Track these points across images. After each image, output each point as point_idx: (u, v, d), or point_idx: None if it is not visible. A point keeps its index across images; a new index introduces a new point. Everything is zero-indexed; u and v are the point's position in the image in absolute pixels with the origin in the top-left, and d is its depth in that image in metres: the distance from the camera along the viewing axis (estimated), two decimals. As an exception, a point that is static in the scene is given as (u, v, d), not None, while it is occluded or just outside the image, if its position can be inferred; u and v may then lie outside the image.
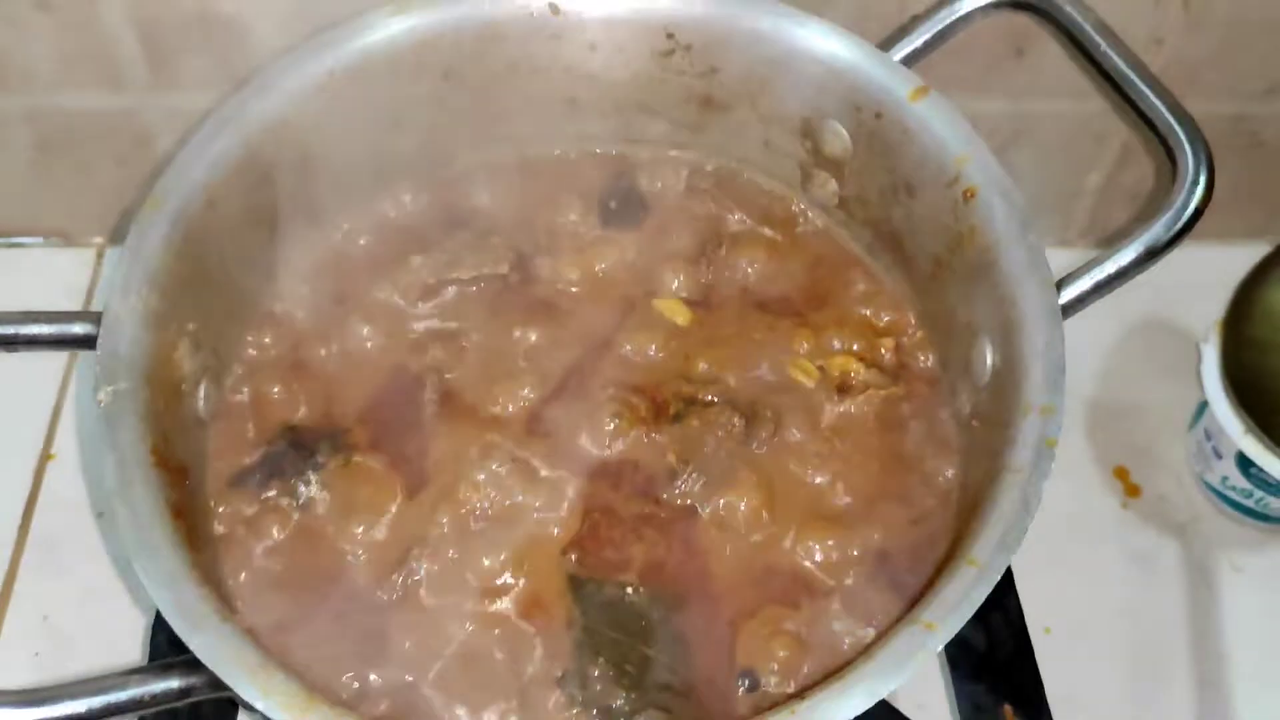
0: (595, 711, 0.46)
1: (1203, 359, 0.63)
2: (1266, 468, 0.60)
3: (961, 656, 0.57)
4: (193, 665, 0.40)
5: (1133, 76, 0.50)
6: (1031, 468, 0.43)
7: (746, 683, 0.47)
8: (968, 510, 0.46)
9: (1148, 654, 0.63)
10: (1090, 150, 0.73)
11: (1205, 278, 0.68)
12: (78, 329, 0.47)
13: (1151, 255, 0.48)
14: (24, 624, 0.62)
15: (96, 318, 0.47)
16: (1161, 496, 0.68)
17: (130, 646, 0.60)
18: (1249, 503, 0.65)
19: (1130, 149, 0.74)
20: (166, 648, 0.54)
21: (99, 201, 0.75)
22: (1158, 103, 0.49)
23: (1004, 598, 0.59)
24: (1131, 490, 0.69)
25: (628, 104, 0.61)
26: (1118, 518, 0.68)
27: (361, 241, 0.58)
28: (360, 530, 0.51)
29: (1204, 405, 0.64)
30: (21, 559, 0.65)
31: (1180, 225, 0.47)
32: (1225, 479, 0.65)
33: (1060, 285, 0.48)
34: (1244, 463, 0.62)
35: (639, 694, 0.47)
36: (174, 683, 0.39)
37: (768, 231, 0.61)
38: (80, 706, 0.38)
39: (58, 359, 0.72)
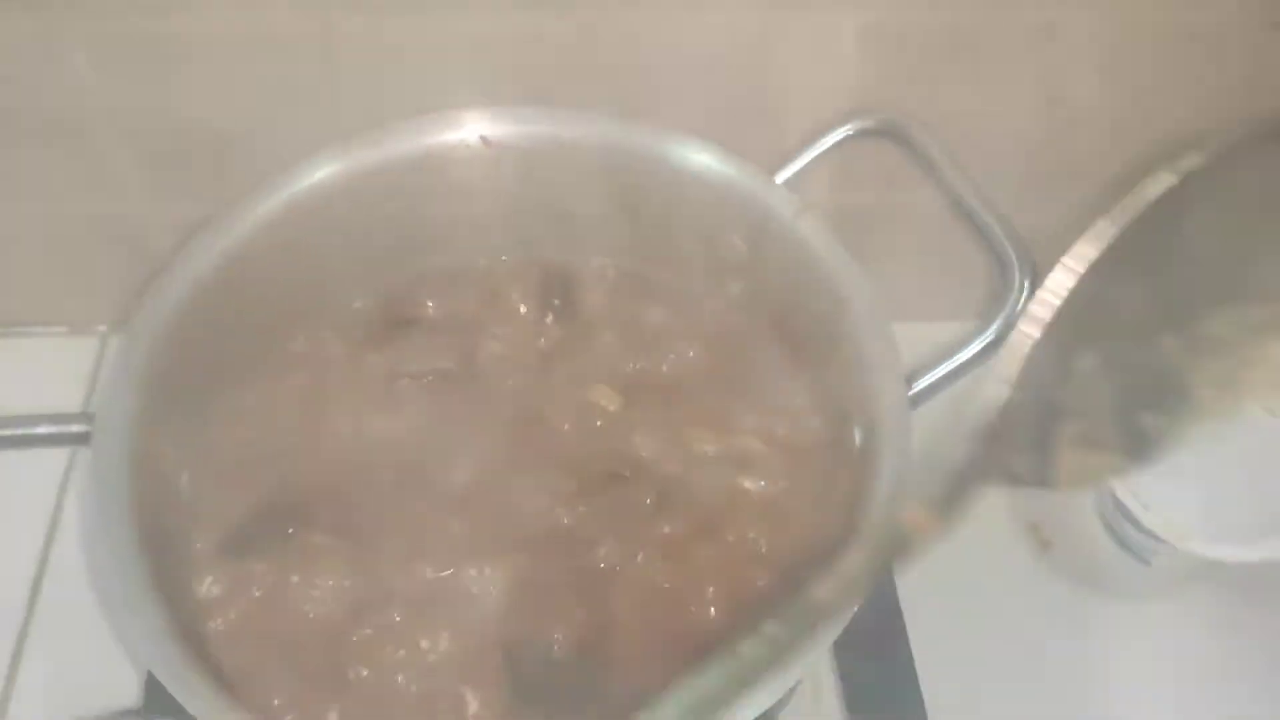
0: None
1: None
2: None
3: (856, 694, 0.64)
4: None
5: (969, 199, 0.58)
6: (875, 541, 0.47)
7: None
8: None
9: (1060, 690, 0.68)
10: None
11: None
12: (75, 428, 0.54)
13: (987, 352, 0.56)
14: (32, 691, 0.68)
15: (92, 418, 0.54)
16: (1071, 550, 0.75)
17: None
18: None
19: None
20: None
21: (103, 294, 0.82)
22: (990, 221, 0.57)
23: (895, 641, 0.66)
24: (1044, 544, 0.75)
25: (563, 217, 0.68)
26: (1031, 570, 0.74)
27: (319, 344, 0.66)
28: (321, 595, 0.57)
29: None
30: (30, 628, 0.71)
31: (1011, 326, 0.54)
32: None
33: (911, 380, 0.56)
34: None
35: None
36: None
37: (685, 327, 0.68)
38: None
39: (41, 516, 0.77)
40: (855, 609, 0.46)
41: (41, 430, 0.54)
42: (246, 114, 0.70)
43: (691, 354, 0.67)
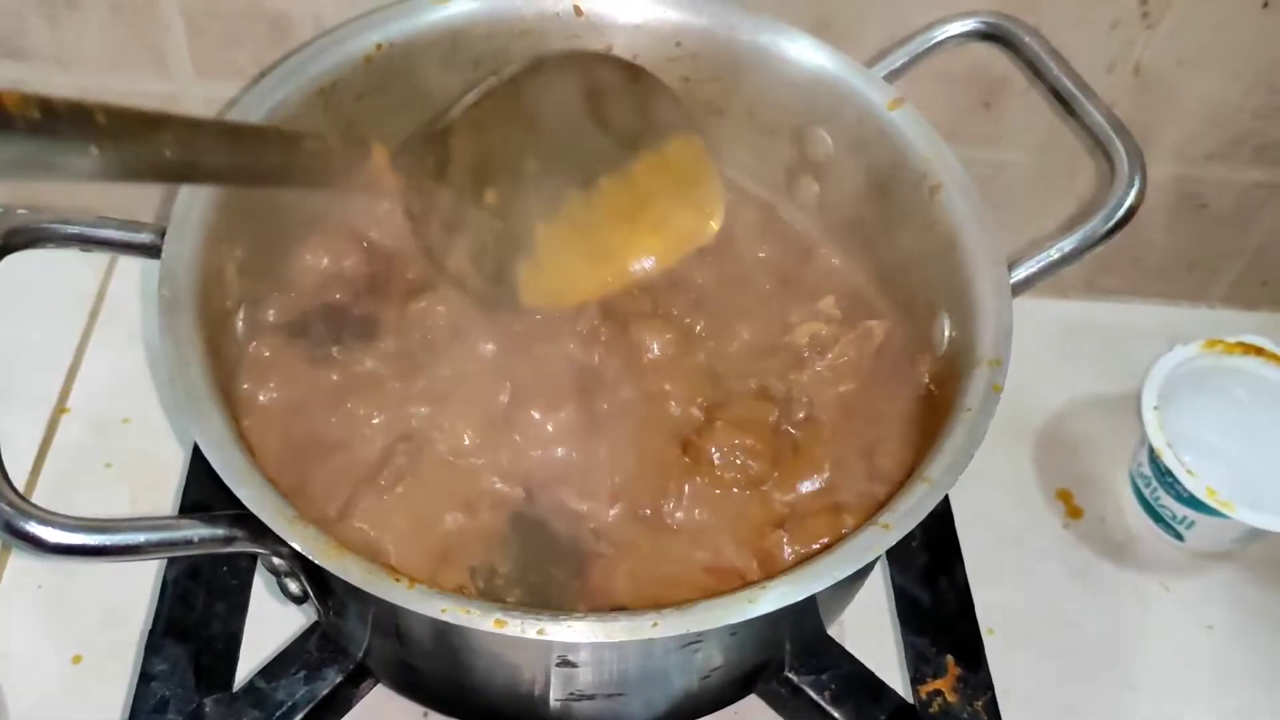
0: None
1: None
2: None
3: (910, 613, 0.62)
4: (237, 519, 0.45)
5: (1079, 96, 0.57)
6: (979, 408, 0.49)
7: None
8: (922, 451, 0.52)
9: (1079, 658, 0.68)
10: (1044, 204, 0.80)
11: (1148, 331, 0.80)
12: (145, 237, 0.52)
13: (1089, 245, 0.55)
14: (28, 560, 0.67)
15: (160, 230, 0.52)
16: (1101, 519, 0.75)
17: (129, 584, 0.65)
18: (1155, 503, 0.73)
19: (1083, 199, 0.81)
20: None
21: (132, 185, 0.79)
22: (1099, 118, 0.56)
23: (951, 565, 0.65)
24: (1073, 512, 0.75)
25: None
26: (1058, 536, 0.74)
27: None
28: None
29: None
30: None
31: (1115, 220, 0.54)
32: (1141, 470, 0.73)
33: (1010, 267, 0.55)
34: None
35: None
36: (220, 530, 0.44)
37: (752, 230, 0.66)
38: (138, 538, 0.42)
39: (77, 320, 0.78)
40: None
41: (108, 234, 0.52)
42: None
43: (759, 256, 0.66)
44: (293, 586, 0.50)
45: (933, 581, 0.64)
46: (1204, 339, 0.74)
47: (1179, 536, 0.73)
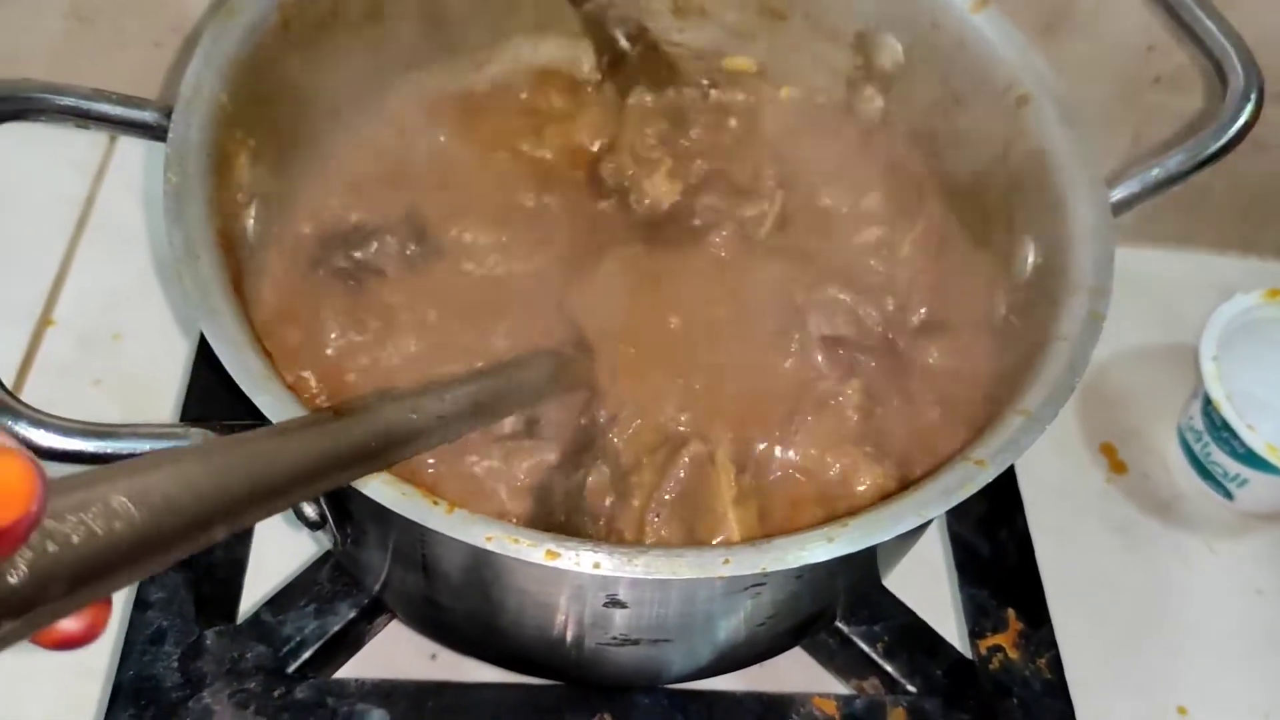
0: None
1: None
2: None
3: (969, 563, 0.58)
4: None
5: (1192, 5, 0.52)
6: (1079, 335, 0.45)
7: None
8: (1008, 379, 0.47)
9: (1120, 620, 0.65)
10: (1101, 140, 0.75)
11: (1197, 283, 0.77)
12: (147, 116, 0.47)
13: (1197, 165, 0.50)
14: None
15: (166, 110, 0.47)
16: (1145, 475, 0.71)
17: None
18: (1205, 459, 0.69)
19: (1142, 139, 0.76)
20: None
21: (126, 81, 0.73)
22: (1211, 25, 0.51)
23: (1012, 515, 0.60)
24: (1117, 467, 0.71)
25: (687, 5, 0.62)
26: (1101, 492, 0.70)
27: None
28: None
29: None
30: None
31: (1227, 138, 0.50)
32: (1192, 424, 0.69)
33: (1111, 185, 0.50)
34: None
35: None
36: (231, 442, 0.39)
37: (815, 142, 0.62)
38: (141, 445, 0.37)
39: (66, 223, 0.72)
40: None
41: (108, 109, 0.46)
42: None
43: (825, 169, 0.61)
44: (309, 510, 0.45)
45: (992, 531, 0.59)
46: (1264, 289, 0.70)
47: (1229, 495, 0.69)
